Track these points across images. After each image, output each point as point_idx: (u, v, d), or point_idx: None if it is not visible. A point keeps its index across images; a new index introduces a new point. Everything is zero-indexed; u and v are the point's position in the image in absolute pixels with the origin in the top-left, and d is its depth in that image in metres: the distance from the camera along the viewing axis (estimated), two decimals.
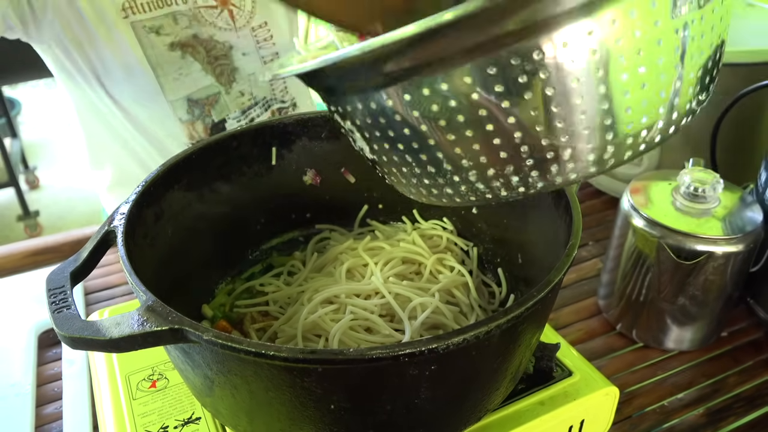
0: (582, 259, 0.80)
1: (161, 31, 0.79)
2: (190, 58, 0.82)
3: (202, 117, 0.87)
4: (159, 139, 0.87)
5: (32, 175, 2.96)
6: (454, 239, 0.62)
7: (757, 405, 0.60)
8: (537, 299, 0.37)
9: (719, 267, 0.59)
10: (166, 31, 0.79)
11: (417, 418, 0.40)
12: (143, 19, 0.78)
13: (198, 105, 0.86)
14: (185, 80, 0.83)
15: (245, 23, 0.86)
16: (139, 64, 0.79)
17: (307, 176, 0.63)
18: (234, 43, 0.85)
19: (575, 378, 0.52)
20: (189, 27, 0.81)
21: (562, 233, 0.45)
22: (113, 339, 0.36)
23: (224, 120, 0.89)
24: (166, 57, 0.81)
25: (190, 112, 0.85)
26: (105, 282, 0.78)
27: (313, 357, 0.34)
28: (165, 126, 0.86)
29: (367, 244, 0.61)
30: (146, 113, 0.85)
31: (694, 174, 0.61)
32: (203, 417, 0.50)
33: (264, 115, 0.93)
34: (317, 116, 0.61)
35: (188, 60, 0.82)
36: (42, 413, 0.60)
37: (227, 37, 0.85)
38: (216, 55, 0.84)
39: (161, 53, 0.80)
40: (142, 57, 0.79)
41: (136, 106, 0.84)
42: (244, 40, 0.86)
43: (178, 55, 0.81)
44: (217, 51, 0.84)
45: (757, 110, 0.77)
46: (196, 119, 0.87)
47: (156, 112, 0.84)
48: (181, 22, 0.80)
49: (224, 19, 0.83)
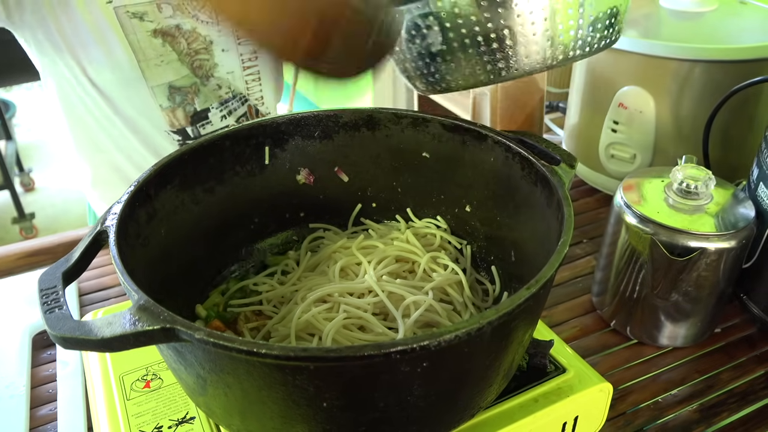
0: (576, 257, 0.80)
1: (145, 18, 0.79)
2: (169, 48, 0.83)
3: (184, 105, 0.87)
4: (139, 128, 0.87)
5: (27, 178, 2.95)
6: (447, 237, 0.62)
7: (750, 401, 0.60)
8: (528, 296, 0.37)
9: (712, 263, 0.59)
10: (150, 18, 0.80)
11: (410, 415, 0.40)
12: (127, 4, 0.78)
13: (180, 92, 0.87)
14: (166, 68, 0.84)
15: None
16: (120, 49, 0.80)
17: (301, 175, 0.63)
18: (214, 38, 0.86)
19: (569, 375, 0.52)
20: (172, 17, 0.81)
21: (555, 230, 0.46)
22: (105, 339, 0.35)
23: (208, 109, 0.90)
24: (148, 43, 0.81)
25: (171, 99, 0.86)
26: (99, 283, 0.78)
27: (304, 355, 0.34)
28: (145, 113, 0.86)
29: (361, 243, 0.61)
30: (127, 100, 0.85)
31: (687, 171, 0.61)
32: (197, 417, 0.50)
33: (240, 109, 0.94)
34: (310, 115, 0.61)
35: (168, 49, 0.83)
36: (36, 415, 0.60)
37: (208, 31, 0.85)
38: (196, 48, 0.85)
39: (143, 38, 0.80)
40: (124, 41, 0.79)
41: (117, 92, 0.84)
42: (224, 36, 0.87)
43: (160, 43, 0.82)
44: (198, 44, 0.85)
45: (749, 107, 0.78)
46: (177, 106, 0.87)
47: (137, 98, 0.85)
48: (165, 11, 0.81)
49: (207, 12, 0.84)
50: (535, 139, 0.54)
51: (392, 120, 0.61)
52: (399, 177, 0.64)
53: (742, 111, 0.77)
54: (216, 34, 0.86)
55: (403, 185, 0.64)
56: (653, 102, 0.80)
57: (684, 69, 0.76)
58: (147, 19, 0.79)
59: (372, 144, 0.62)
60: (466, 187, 0.61)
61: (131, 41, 0.80)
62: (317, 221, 0.66)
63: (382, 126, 0.61)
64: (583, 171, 0.93)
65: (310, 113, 0.61)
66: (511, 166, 0.55)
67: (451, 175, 0.61)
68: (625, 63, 0.80)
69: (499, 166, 0.56)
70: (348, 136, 0.62)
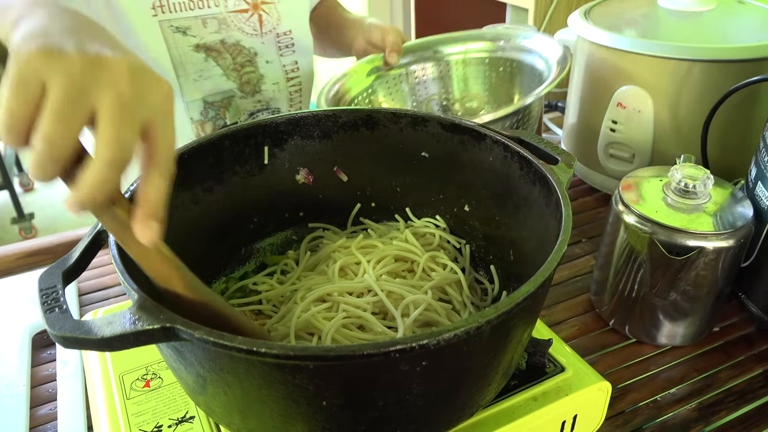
0: (575, 256, 0.80)
1: (188, 32, 0.78)
2: (212, 62, 0.82)
3: (215, 119, 0.87)
4: None
5: (27, 178, 2.95)
6: (446, 237, 0.63)
7: (749, 399, 0.60)
8: (527, 295, 0.37)
9: (710, 262, 0.59)
10: (193, 33, 0.78)
11: (409, 414, 0.40)
12: (171, 19, 0.77)
13: (213, 107, 0.86)
14: (205, 83, 0.82)
15: (271, 29, 0.85)
16: (162, 62, 0.79)
17: (300, 175, 0.63)
18: (259, 49, 0.85)
19: (568, 373, 0.52)
20: (217, 32, 0.80)
21: (553, 230, 0.46)
22: (105, 338, 0.36)
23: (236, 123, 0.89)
24: (189, 57, 0.80)
25: (204, 113, 0.85)
26: (99, 283, 0.78)
27: (304, 354, 0.34)
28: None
29: (360, 243, 0.61)
30: None
31: (685, 170, 0.61)
32: (197, 416, 0.50)
33: None
34: (309, 115, 0.61)
35: (210, 64, 0.82)
36: (36, 414, 0.60)
37: (252, 43, 0.84)
38: (242, 62, 0.83)
39: (185, 53, 0.79)
40: (165, 55, 0.78)
41: None
42: (268, 47, 0.85)
43: (202, 58, 0.81)
44: (242, 57, 0.84)
45: (747, 106, 0.78)
46: (207, 120, 0.86)
47: None
48: (209, 26, 0.80)
49: (252, 24, 0.83)
50: (533, 138, 0.54)
51: (391, 119, 0.61)
52: (398, 176, 0.64)
53: (740, 110, 0.77)
54: (260, 45, 0.85)
55: (402, 185, 0.64)
56: (652, 101, 0.80)
57: (682, 68, 0.76)
58: (190, 33, 0.78)
59: (371, 143, 0.62)
60: (464, 186, 0.61)
61: (172, 55, 0.79)
62: (316, 221, 0.66)
63: (381, 125, 0.62)
64: (582, 170, 0.93)
65: (309, 113, 0.61)
66: (510, 165, 0.55)
67: (450, 175, 0.61)
68: (624, 62, 0.80)
69: (497, 165, 0.56)
70: (347, 135, 0.62)
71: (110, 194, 0.36)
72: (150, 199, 0.37)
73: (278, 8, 0.85)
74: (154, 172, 0.37)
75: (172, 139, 0.38)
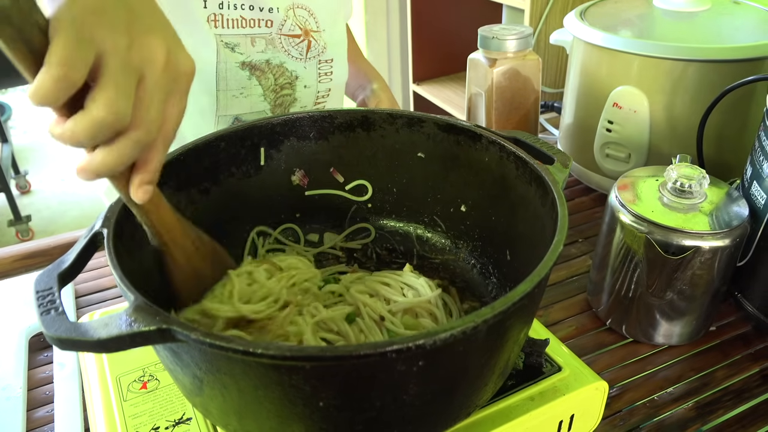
0: (572, 256, 0.80)
1: (236, 49, 0.77)
2: (255, 81, 0.81)
3: None
4: None
5: (23, 180, 2.95)
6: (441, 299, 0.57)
7: (746, 398, 0.61)
8: (523, 294, 0.38)
9: (706, 262, 0.59)
10: (241, 50, 0.78)
11: (406, 414, 0.40)
12: (223, 34, 0.77)
13: None
14: (243, 101, 0.82)
15: (316, 55, 0.85)
16: (205, 73, 0.78)
17: (296, 176, 0.63)
18: (300, 73, 0.84)
19: (565, 373, 0.52)
20: (263, 51, 0.80)
21: (549, 229, 0.46)
22: (101, 340, 0.36)
23: None
24: (234, 73, 0.79)
25: None
26: (96, 285, 0.78)
27: (300, 354, 0.34)
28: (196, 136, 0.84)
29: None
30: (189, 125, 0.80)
31: (681, 170, 0.61)
32: (194, 417, 0.50)
33: None
34: (305, 116, 0.61)
35: (253, 82, 0.81)
36: (33, 417, 0.60)
37: (296, 66, 0.83)
38: (282, 84, 0.83)
39: (231, 68, 0.79)
40: (213, 68, 0.77)
41: None
42: (309, 71, 0.85)
43: (246, 76, 0.80)
44: (284, 79, 0.83)
45: (743, 106, 0.78)
46: None
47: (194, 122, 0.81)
48: (257, 45, 0.79)
49: (300, 49, 0.82)
50: (529, 138, 0.55)
51: (387, 120, 0.61)
52: (394, 177, 0.64)
53: (735, 110, 0.78)
54: (302, 69, 0.84)
55: (399, 185, 0.64)
56: (647, 101, 0.80)
57: (678, 68, 0.77)
58: (238, 50, 0.78)
59: (367, 144, 0.63)
60: (461, 186, 0.61)
61: (219, 69, 0.78)
62: (313, 222, 0.66)
63: (377, 126, 0.62)
64: (578, 170, 0.93)
65: (305, 114, 0.61)
66: (506, 165, 0.55)
67: (446, 175, 0.61)
68: (620, 63, 0.81)
69: (493, 165, 0.56)
70: (343, 136, 0.62)
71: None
72: (150, 169, 0.41)
73: (323, 36, 0.85)
74: (159, 142, 0.40)
75: (181, 116, 0.41)
